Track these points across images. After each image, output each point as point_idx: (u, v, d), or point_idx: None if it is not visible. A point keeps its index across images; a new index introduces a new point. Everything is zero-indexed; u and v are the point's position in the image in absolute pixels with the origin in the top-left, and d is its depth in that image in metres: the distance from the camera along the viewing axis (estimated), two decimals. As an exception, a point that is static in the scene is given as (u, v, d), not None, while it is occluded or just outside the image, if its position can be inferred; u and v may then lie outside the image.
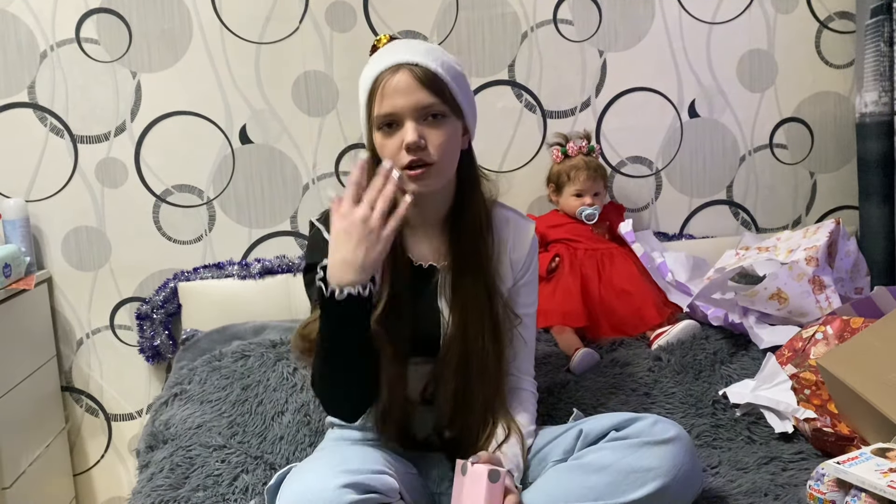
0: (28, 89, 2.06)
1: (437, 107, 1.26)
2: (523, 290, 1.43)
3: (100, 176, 2.10)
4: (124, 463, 2.20)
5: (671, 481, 1.19)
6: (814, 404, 1.51)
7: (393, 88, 1.25)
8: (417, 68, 1.26)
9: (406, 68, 1.26)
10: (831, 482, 1.15)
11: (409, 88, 1.25)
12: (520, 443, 1.32)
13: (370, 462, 1.17)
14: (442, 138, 1.26)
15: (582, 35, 2.15)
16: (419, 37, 2.11)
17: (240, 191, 2.14)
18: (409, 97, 1.25)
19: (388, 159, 1.23)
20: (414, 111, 1.25)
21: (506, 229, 1.41)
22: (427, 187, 1.28)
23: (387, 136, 1.27)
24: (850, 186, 2.22)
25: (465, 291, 1.34)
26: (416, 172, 1.25)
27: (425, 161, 1.25)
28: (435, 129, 1.26)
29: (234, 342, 1.89)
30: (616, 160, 2.21)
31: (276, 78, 2.10)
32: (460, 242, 1.35)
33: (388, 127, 1.27)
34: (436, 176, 1.28)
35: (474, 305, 1.33)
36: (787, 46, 2.19)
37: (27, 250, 2.01)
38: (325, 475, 1.11)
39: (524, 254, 1.41)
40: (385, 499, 1.13)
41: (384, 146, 1.27)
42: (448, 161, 1.29)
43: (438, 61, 1.28)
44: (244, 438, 1.59)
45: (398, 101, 1.25)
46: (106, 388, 2.17)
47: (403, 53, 1.27)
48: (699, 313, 1.89)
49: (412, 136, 1.24)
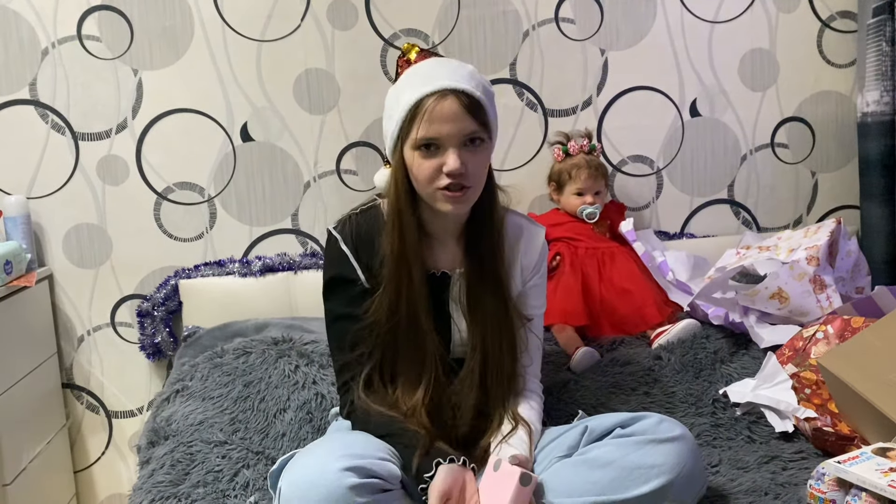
0: (29, 86, 2.06)
1: (480, 133, 1.29)
2: (532, 291, 1.46)
3: (101, 173, 2.10)
4: (125, 460, 2.20)
5: (674, 479, 1.20)
6: (814, 403, 1.51)
7: (441, 115, 1.27)
8: (464, 96, 1.28)
9: (453, 95, 1.27)
10: (832, 481, 1.15)
11: (457, 116, 1.27)
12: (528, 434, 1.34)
13: (373, 448, 1.19)
14: (481, 164, 1.31)
15: (583, 34, 2.15)
16: (421, 35, 2.11)
17: (241, 188, 2.14)
18: (455, 125, 1.27)
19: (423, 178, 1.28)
20: (459, 138, 1.28)
21: (518, 236, 1.44)
22: (461, 210, 1.32)
23: (426, 157, 1.29)
24: (851, 186, 2.22)
25: (483, 300, 1.37)
26: (456, 195, 1.29)
27: (463, 185, 1.29)
28: (475, 154, 1.29)
29: (236, 339, 1.89)
30: (617, 159, 2.20)
31: (278, 75, 2.10)
32: (477, 252, 1.38)
33: (426, 148, 1.28)
34: (471, 199, 1.32)
35: (492, 313, 1.37)
36: (788, 46, 2.19)
37: (28, 247, 2.01)
38: (326, 459, 1.13)
39: (535, 258, 1.45)
40: (386, 485, 1.15)
41: (421, 166, 1.29)
42: (482, 183, 1.33)
43: (481, 87, 1.31)
44: (246, 435, 1.59)
45: (444, 128, 1.27)
46: (107, 385, 2.18)
47: (449, 78, 1.29)
48: (700, 312, 1.89)
49: (456, 164, 1.27)
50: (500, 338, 1.37)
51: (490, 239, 1.37)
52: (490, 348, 1.36)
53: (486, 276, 1.37)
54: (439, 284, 1.39)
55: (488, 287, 1.37)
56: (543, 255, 1.46)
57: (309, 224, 2.16)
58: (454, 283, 1.40)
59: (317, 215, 2.15)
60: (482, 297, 1.37)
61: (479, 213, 1.37)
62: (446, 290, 1.40)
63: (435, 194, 1.30)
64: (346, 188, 2.15)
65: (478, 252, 1.37)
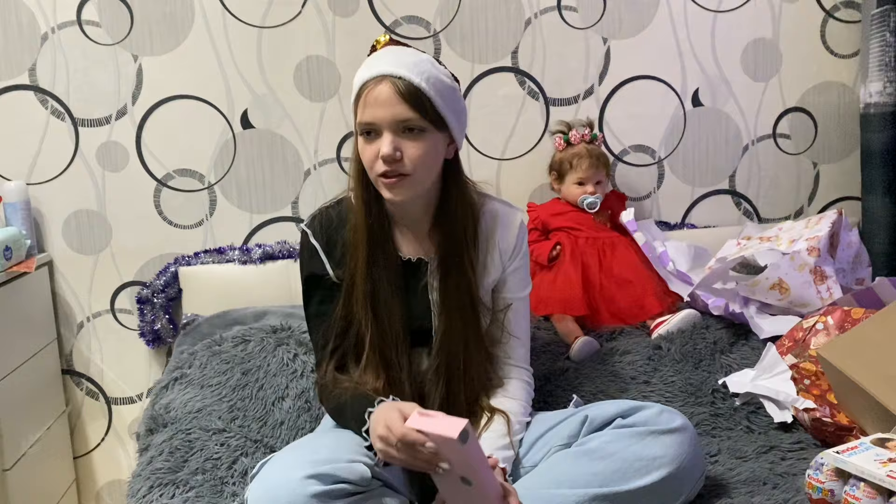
0: (29, 72, 2.05)
1: (416, 121, 1.28)
2: (514, 275, 1.45)
3: (101, 159, 2.10)
4: (124, 446, 2.21)
5: (675, 470, 1.20)
6: (813, 394, 1.51)
7: (374, 99, 1.27)
8: (400, 81, 1.27)
9: (389, 80, 1.27)
10: (830, 471, 1.16)
11: (389, 101, 1.27)
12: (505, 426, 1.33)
13: (342, 451, 1.18)
14: (419, 152, 1.28)
15: (586, 22, 2.14)
16: (422, 23, 2.10)
17: (241, 176, 2.13)
18: (388, 110, 1.27)
19: (366, 163, 1.30)
20: (392, 124, 1.27)
21: (494, 222, 1.43)
22: (400, 196, 1.31)
23: (367, 142, 1.30)
24: (853, 177, 2.21)
25: (451, 286, 1.37)
26: (391, 181, 1.29)
27: (400, 172, 1.28)
28: (412, 141, 1.28)
29: (235, 327, 1.89)
30: (619, 149, 2.20)
31: (278, 62, 2.09)
32: (447, 239, 1.38)
33: (367, 134, 1.30)
34: (410, 187, 1.30)
35: (457, 306, 1.37)
36: (791, 36, 2.18)
37: (28, 233, 2.01)
38: (290, 467, 1.13)
39: (512, 241, 1.44)
40: (355, 488, 1.14)
41: (364, 151, 1.31)
42: (424, 173, 1.31)
43: (424, 75, 1.28)
44: (244, 423, 1.60)
45: (378, 112, 1.27)
46: (106, 372, 2.18)
47: (389, 64, 1.29)
48: (700, 303, 1.89)
49: (387, 148, 1.27)
50: (464, 328, 1.37)
51: (458, 231, 1.37)
52: (456, 329, 1.36)
53: (452, 267, 1.37)
54: (416, 271, 1.39)
55: (456, 273, 1.37)
56: (522, 237, 1.45)
57: (309, 212, 2.13)
58: (431, 271, 1.39)
59: (317, 203, 2.10)
60: (450, 282, 1.37)
61: (446, 203, 1.37)
62: (424, 277, 1.40)
63: (376, 180, 1.31)
64: (346, 176, 2.13)
65: (446, 243, 1.37)
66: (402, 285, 1.37)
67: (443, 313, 1.37)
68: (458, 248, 1.37)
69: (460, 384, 1.37)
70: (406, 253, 1.39)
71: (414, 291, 1.38)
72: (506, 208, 1.45)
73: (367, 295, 1.33)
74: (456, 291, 1.37)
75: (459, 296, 1.37)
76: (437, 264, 1.38)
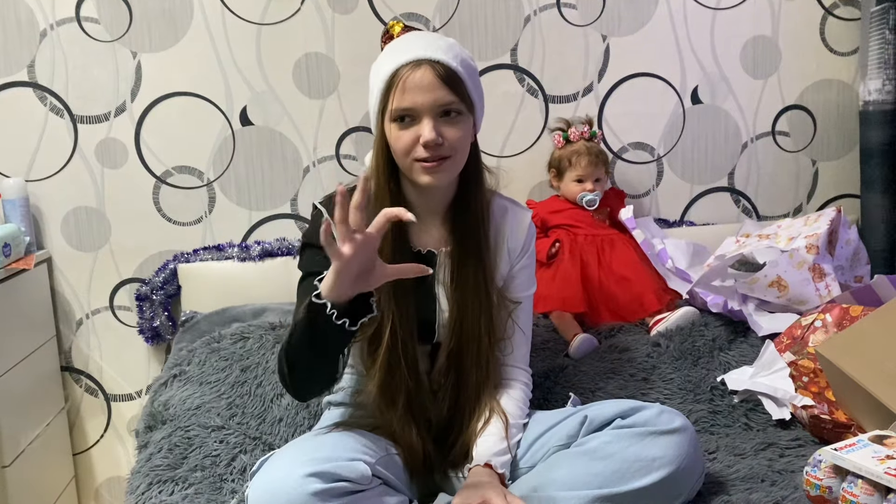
0: (28, 68, 2.05)
1: (456, 105, 1.28)
2: (520, 274, 1.45)
3: (100, 156, 2.10)
4: (123, 443, 2.21)
5: (675, 471, 1.20)
6: (811, 392, 1.51)
7: (414, 84, 1.26)
8: (439, 66, 1.27)
9: (428, 64, 1.27)
10: (828, 468, 1.16)
11: (431, 86, 1.26)
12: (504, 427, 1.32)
13: (342, 449, 1.17)
14: (458, 135, 1.29)
15: (585, 19, 2.14)
16: (421, 20, 2.09)
17: (240, 173, 2.13)
18: (429, 94, 1.26)
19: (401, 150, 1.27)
20: (433, 108, 1.27)
21: (503, 219, 1.43)
22: (440, 181, 1.30)
23: (402, 128, 1.28)
24: (851, 175, 2.21)
25: (465, 279, 1.36)
26: (432, 165, 1.27)
27: (442, 155, 1.28)
28: (451, 125, 1.28)
29: (234, 324, 1.89)
30: (618, 146, 2.20)
31: (277, 59, 2.09)
32: (462, 231, 1.37)
33: (402, 120, 1.28)
34: (449, 170, 1.30)
35: (473, 293, 1.36)
36: (791, 33, 2.18)
37: (27, 230, 2.01)
38: (290, 464, 1.12)
39: (521, 241, 1.44)
40: (356, 486, 1.13)
41: (399, 138, 1.28)
42: (461, 156, 1.32)
43: (458, 58, 1.29)
44: (243, 420, 1.60)
45: (418, 98, 1.26)
46: (105, 369, 2.18)
47: (425, 49, 1.28)
48: (699, 300, 1.89)
49: (431, 134, 1.25)
50: (478, 317, 1.35)
51: (475, 217, 1.36)
52: (468, 321, 1.35)
53: (469, 254, 1.36)
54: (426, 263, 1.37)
55: (470, 265, 1.36)
56: (531, 237, 1.45)
57: (308, 209, 2.15)
58: (440, 263, 1.38)
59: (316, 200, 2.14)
60: (463, 275, 1.36)
61: (465, 191, 1.37)
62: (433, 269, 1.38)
63: (412, 166, 1.29)
64: (345, 173, 2.14)
65: (462, 230, 1.36)
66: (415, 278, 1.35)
67: (454, 302, 1.36)
68: (476, 234, 1.36)
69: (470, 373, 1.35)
70: (416, 244, 1.38)
71: (422, 284, 1.37)
72: (516, 207, 1.46)
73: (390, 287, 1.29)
74: (471, 277, 1.35)
75: (475, 282, 1.35)
76: (448, 254, 1.37)
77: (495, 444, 1.31)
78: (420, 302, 1.36)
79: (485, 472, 1.27)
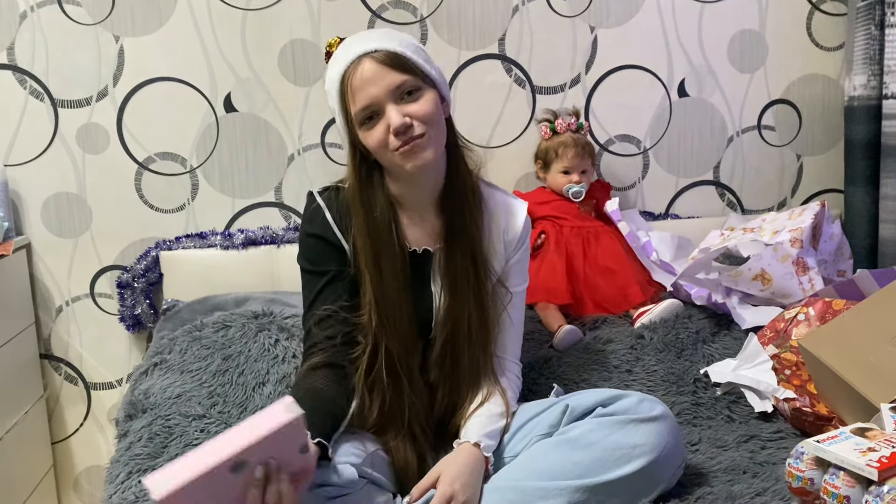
0: (7, 51, 2.01)
1: (411, 82, 1.27)
2: (515, 268, 1.45)
3: (81, 141, 2.07)
4: (103, 432, 2.19)
5: (656, 458, 1.21)
6: (794, 384, 1.52)
7: (362, 80, 1.25)
8: (378, 53, 1.26)
9: (367, 57, 1.26)
10: (810, 460, 1.16)
11: (377, 74, 1.25)
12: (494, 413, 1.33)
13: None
14: (424, 108, 1.27)
15: (574, 10, 2.13)
16: (409, 8, 2.08)
17: (224, 160, 2.11)
18: (380, 82, 1.25)
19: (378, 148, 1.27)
20: (389, 94, 1.25)
21: (499, 211, 1.42)
22: (424, 160, 1.28)
23: (370, 128, 1.27)
24: (836, 170, 2.23)
25: (456, 267, 1.35)
26: (408, 148, 1.26)
27: (413, 135, 1.26)
28: (414, 102, 1.27)
29: (216, 313, 1.88)
30: (604, 138, 2.19)
31: (263, 46, 2.07)
32: (454, 221, 1.36)
33: (369, 120, 1.27)
34: (428, 146, 1.28)
35: (464, 280, 1.35)
36: (778, 28, 2.18)
37: (6, 215, 1.97)
38: None
39: (517, 234, 1.43)
40: (341, 490, 1.13)
41: (371, 136, 1.27)
42: (437, 130, 1.30)
43: (396, 40, 1.29)
44: (224, 408, 1.58)
45: (371, 90, 1.25)
46: (85, 357, 2.15)
47: (361, 45, 1.28)
48: (683, 292, 1.90)
49: (397, 118, 1.24)
50: (473, 310, 1.35)
51: (464, 204, 1.36)
52: (459, 308, 1.35)
53: (461, 243, 1.35)
54: (422, 262, 1.38)
55: (461, 253, 1.35)
56: (526, 230, 1.44)
57: (292, 198, 2.14)
58: (436, 261, 1.38)
59: (301, 189, 2.13)
60: (455, 263, 1.35)
61: (453, 174, 1.36)
62: (429, 267, 1.38)
63: (394, 158, 1.28)
64: (330, 162, 2.13)
65: (456, 219, 1.36)
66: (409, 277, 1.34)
67: (448, 292, 1.35)
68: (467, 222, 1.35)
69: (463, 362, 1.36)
70: (412, 244, 1.38)
71: (418, 283, 1.37)
72: (512, 199, 1.45)
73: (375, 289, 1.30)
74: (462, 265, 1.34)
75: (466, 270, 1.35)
76: (443, 246, 1.36)
77: (484, 426, 1.31)
78: (417, 301, 1.36)
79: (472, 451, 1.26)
